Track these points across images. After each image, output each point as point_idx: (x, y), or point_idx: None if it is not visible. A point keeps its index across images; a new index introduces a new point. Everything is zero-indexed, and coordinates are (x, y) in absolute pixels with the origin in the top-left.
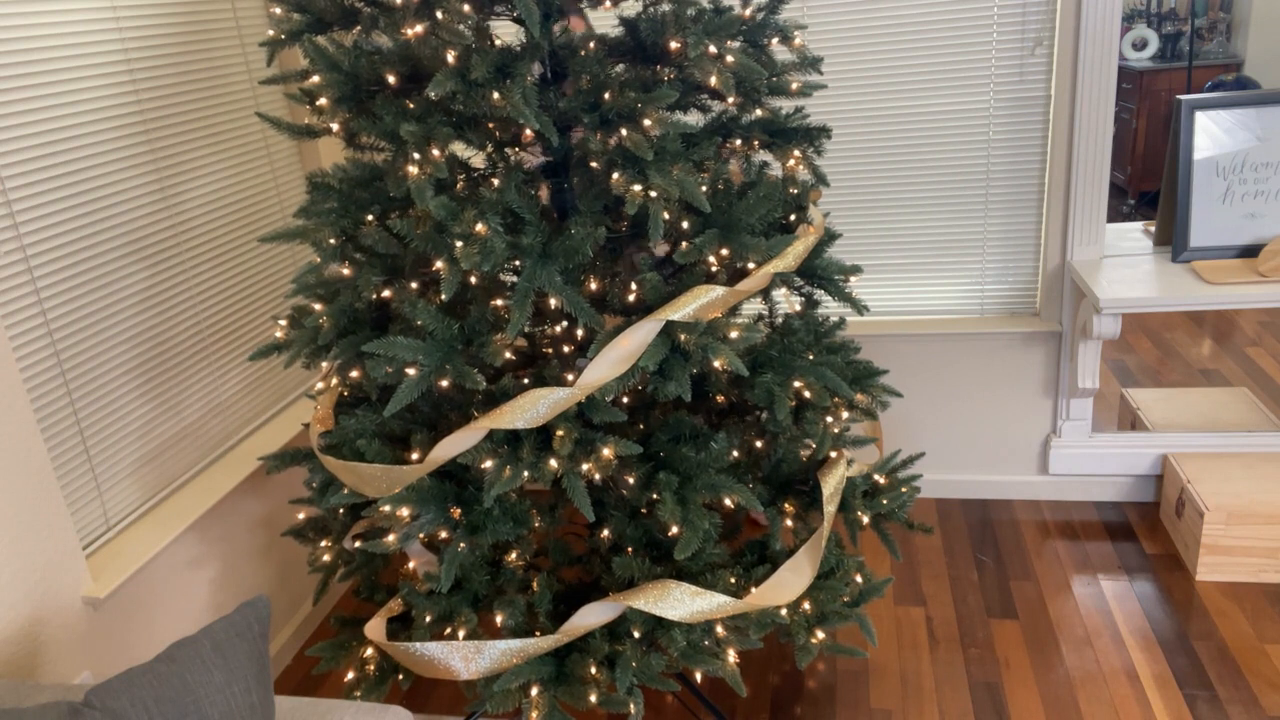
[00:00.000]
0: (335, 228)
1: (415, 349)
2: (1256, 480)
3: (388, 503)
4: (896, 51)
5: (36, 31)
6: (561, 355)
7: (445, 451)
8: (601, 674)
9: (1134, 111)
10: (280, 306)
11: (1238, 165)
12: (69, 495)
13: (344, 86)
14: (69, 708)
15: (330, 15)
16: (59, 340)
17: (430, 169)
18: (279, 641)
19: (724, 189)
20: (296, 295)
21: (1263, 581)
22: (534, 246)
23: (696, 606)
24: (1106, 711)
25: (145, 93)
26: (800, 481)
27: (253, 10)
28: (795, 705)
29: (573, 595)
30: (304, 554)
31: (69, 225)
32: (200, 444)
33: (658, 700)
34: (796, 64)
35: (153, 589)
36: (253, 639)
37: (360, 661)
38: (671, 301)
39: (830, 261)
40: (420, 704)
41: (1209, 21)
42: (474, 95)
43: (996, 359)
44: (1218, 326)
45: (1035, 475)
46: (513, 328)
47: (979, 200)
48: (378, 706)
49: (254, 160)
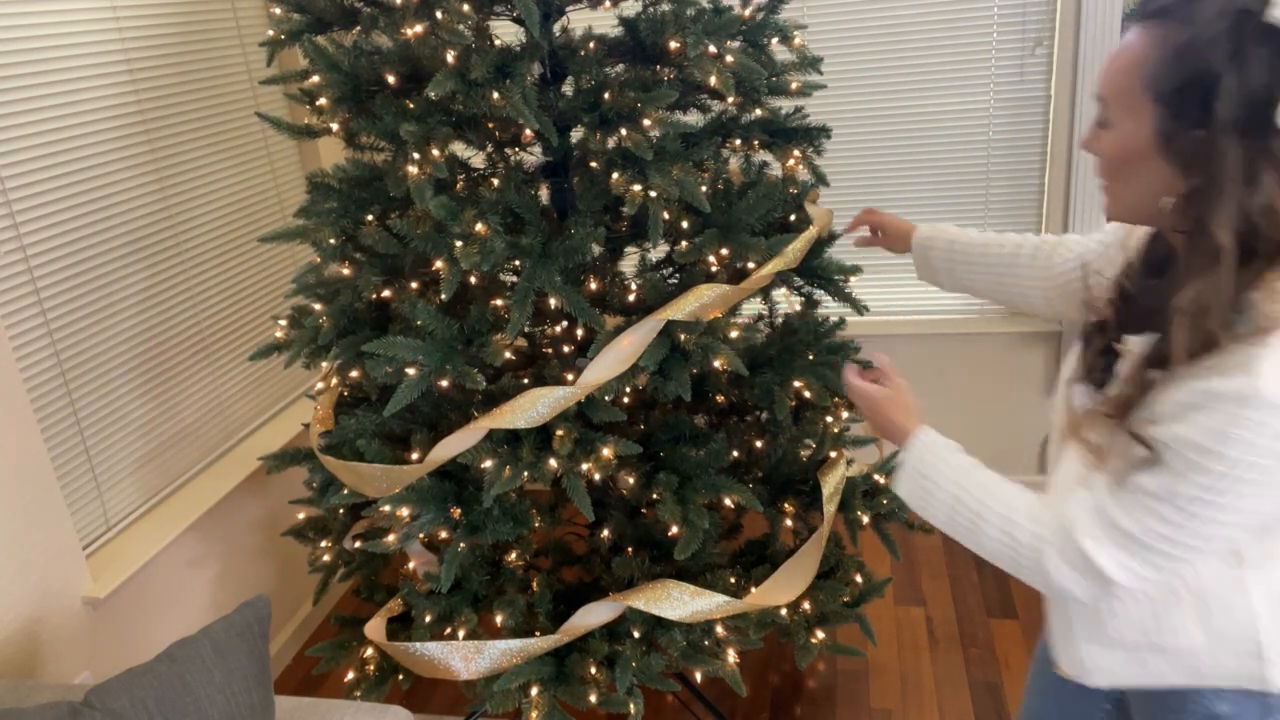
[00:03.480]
0: (335, 228)
1: (415, 349)
2: None
3: (388, 503)
4: (896, 51)
5: (36, 31)
6: (561, 355)
7: (445, 451)
8: (601, 674)
9: None
10: (280, 306)
11: None
12: (69, 495)
13: (344, 86)
14: (69, 708)
15: (330, 15)
16: (59, 340)
17: (430, 169)
18: (279, 641)
19: (724, 189)
20: (296, 295)
21: None
22: (534, 246)
23: (696, 606)
24: None
25: (145, 93)
26: (800, 481)
27: (253, 10)
28: (795, 705)
29: (573, 595)
30: (304, 554)
31: (69, 225)
32: (200, 444)
33: (658, 700)
34: (796, 64)
35: (153, 589)
36: (253, 639)
37: (360, 661)
38: (673, 300)
39: (830, 261)
40: (420, 704)
41: None
42: (474, 95)
43: (996, 359)
44: None
45: (1035, 475)
46: (513, 328)
47: (979, 200)
48: (378, 706)
49: (254, 160)
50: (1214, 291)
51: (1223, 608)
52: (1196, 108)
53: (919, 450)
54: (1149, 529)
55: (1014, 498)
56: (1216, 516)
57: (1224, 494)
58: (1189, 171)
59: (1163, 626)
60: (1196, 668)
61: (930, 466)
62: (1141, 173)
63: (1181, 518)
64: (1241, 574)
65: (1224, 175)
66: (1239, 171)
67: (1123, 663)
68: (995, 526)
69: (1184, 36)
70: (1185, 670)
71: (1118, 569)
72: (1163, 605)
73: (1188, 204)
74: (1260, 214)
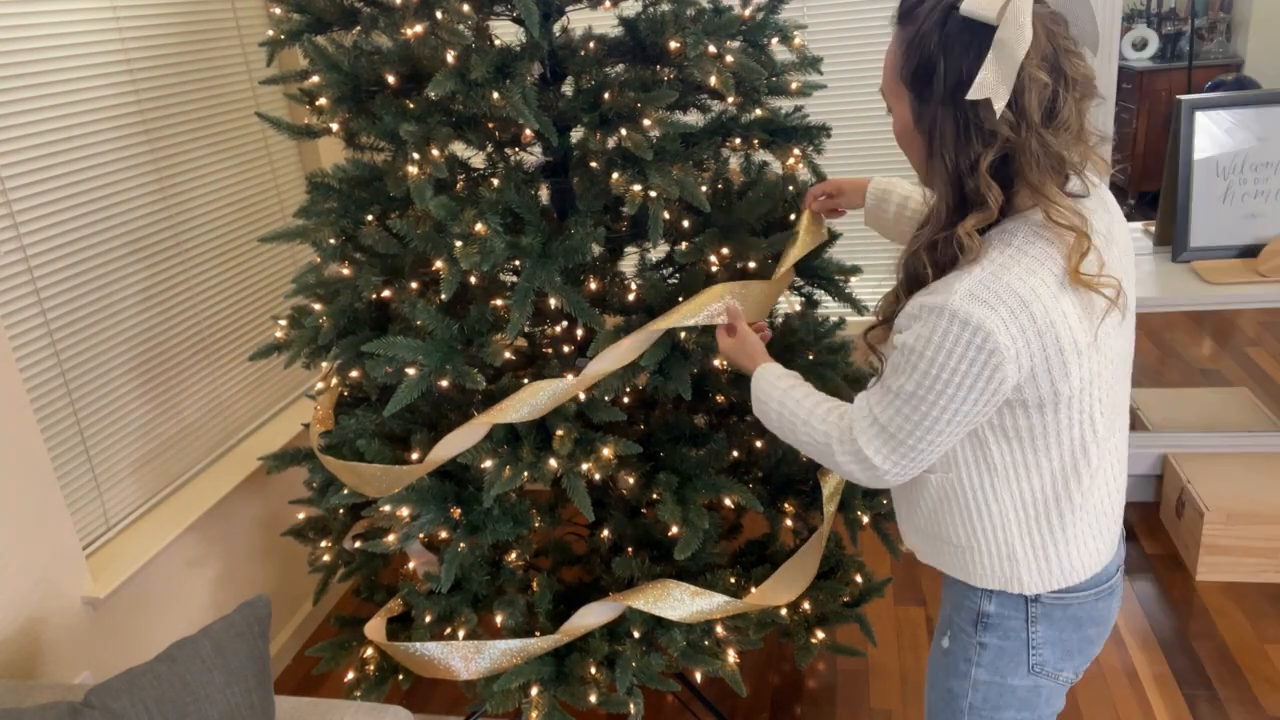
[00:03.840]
0: (335, 228)
1: (415, 349)
2: (1256, 480)
3: (388, 503)
4: None
5: (36, 31)
6: (561, 355)
7: (446, 450)
8: (601, 674)
9: (1134, 111)
10: (280, 306)
11: (1238, 165)
12: (69, 495)
13: (344, 86)
14: (69, 708)
15: (330, 15)
16: (59, 340)
17: (430, 169)
18: (279, 641)
19: (724, 189)
20: (296, 295)
21: (1263, 581)
22: (534, 246)
23: (696, 606)
24: (1106, 711)
25: (145, 93)
26: (800, 481)
27: (253, 10)
28: (795, 705)
29: (573, 595)
30: (304, 554)
31: (69, 225)
32: (200, 444)
33: (658, 700)
34: (796, 64)
35: (153, 589)
36: (253, 639)
37: (360, 661)
38: (683, 304)
39: (830, 261)
40: (420, 704)
41: (1209, 21)
42: (474, 95)
43: None
44: (1218, 326)
45: None
46: (513, 328)
47: None
48: (378, 706)
49: (254, 160)
50: (934, 231)
51: (980, 511)
52: (927, 88)
53: (757, 379)
54: (893, 421)
55: (818, 406)
56: (932, 413)
57: (932, 391)
58: (929, 139)
59: (941, 521)
60: (967, 565)
61: (764, 391)
62: (914, 145)
63: (910, 410)
64: (993, 480)
65: (942, 140)
66: (952, 137)
67: (926, 547)
68: (804, 428)
69: (913, 33)
70: (960, 566)
71: (879, 457)
72: (940, 501)
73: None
74: (968, 172)
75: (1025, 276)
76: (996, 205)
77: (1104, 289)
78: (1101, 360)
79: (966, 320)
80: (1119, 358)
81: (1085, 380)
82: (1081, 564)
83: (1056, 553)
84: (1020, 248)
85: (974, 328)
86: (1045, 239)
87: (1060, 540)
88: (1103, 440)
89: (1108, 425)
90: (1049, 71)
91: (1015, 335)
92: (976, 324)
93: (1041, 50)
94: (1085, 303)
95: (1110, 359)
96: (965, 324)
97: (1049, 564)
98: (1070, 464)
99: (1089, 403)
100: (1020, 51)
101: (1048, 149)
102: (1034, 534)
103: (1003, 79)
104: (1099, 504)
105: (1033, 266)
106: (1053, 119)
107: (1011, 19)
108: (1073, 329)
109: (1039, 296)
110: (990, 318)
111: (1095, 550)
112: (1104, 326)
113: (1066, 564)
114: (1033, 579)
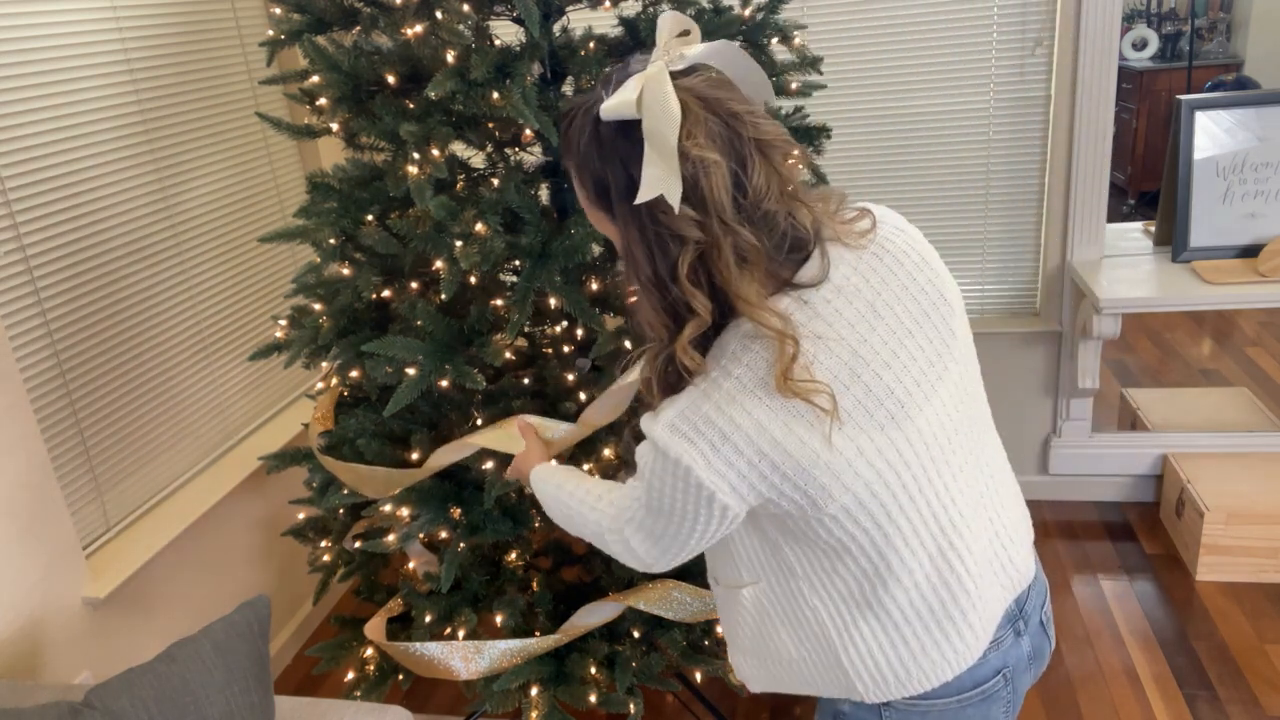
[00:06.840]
0: (335, 228)
1: (415, 349)
2: (1256, 480)
3: (388, 503)
4: (896, 51)
5: (36, 31)
6: (561, 355)
7: (442, 460)
8: (601, 674)
9: (1134, 111)
10: (280, 306)
11: (1238, 165)
12: (69, 496)
13: (344, 86)
14: (69, 708)
15: (330, 15)
16: (59, 340)
17: (430, 169)
18: (279, 641)
19: None
20: (296, 295)
21: (1263, 581)
22: (534, 246)
23: (697, 607)
24: (1106, 711)
25: (145, 93)
26: None
27: (253, 10)
28: (795, 705)
29: (573, 595)
30: (304, 554)
31: (69, 225)
32: (200, 444)
33: (658, 700)
34: (796, 64)
35: (153, 589)
36: (253, 639)
37: (360, 661)
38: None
39: None
40: (420, 704)
41: (1209, 21)
42: (474, 95)
43: (996, 359)
44: (1218, 326)
45: (1035, 475)
46: (513, 328)
47: (979, 200)
48: (378, 706)
49: (254, 160)
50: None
51: (798, 617)
52: (610, 203)
53: (535, 483)
54: (645, 522)
55: (589, 495)
56: (670, 530)
57: (663, 513)
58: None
59: (766, 635)
60: (805, 677)
61: (541, 492)
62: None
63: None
64: (798, 584)
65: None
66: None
67: (757, 669)
68: (579, 520)
69: (578, 158)
70: (799, 680)
71: (643, 549)
72: (759, 615)
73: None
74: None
75: (724, 405)
76: (706, 311)
77: (814, 398)
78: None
79: (667, 453)
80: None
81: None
82: (922, 673)
83: (887, 660)
84: (726, 368)
85: (673, 461)
86: (761, 345)
87: (888, 647)
88: (914, 548)
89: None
90: (720, 146)
91: (722, 469)
92: (675, 458)
93: (702, 125)
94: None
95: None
96: (667, 457)
97: (879, 671)
98: (871, 570)
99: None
100: (671, 132)
101: (738, 243)
102: (856, 641)
103: (667, 170)
104: (933, 609)
105: (734, 391)
106: (745, 196)
107: (650, 104)
108: (805, 442)
109: (739, 427)
110: (689, 452)
111: (940, 659)
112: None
113: (902, 672)
114: (867, 688)
